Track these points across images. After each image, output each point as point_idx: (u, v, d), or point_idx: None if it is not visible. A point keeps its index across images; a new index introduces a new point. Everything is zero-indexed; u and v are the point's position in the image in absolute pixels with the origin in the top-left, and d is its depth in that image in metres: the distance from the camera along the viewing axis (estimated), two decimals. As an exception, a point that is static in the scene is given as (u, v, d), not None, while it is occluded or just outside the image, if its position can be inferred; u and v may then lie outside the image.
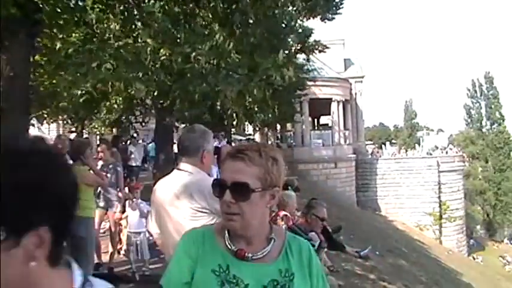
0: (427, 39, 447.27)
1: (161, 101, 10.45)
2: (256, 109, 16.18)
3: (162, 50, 8.06)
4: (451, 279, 27.30)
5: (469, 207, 55.54)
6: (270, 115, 21.90)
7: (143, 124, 18.91)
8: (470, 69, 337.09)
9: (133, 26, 8.37)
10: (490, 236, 64.65)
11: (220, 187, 1.87)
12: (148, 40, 7.95)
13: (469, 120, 69.37)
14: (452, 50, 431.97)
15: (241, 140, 28.14)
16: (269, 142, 45.25)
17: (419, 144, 60.04)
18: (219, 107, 12.63)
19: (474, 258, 51.60)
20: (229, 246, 1.89)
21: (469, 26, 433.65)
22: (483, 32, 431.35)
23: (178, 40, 8.26)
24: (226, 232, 1.92)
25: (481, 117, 67.86)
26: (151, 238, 5.95)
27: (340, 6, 14.25)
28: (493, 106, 67.05)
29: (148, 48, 7.92)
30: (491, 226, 64.88)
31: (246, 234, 1.90)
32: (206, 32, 8.52)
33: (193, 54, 8.30)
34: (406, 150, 55.76)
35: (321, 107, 43.14)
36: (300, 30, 15.23)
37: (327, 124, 48.85)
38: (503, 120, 67.23)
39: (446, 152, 53.41)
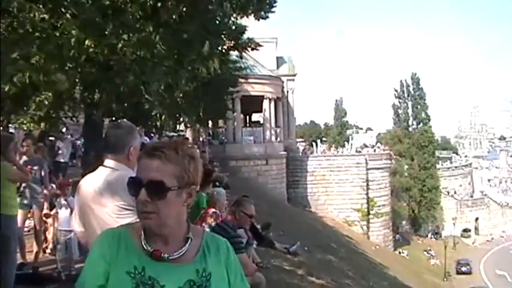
0: (358, 39, 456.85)
1: (88, 95, 10.18)
2: (184, 105, 16.02)
3: (87, 42, 7.88)
4: (377, 273, 28.00)
5: (395, 203, 57.23)
6: (200, 112, 21.73)
7: (74, 119, 18.42)
8: (399, 70, 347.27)
9: (59, 17, 8.13)
10: (415, 231, 66.94)
11: (136, 186, 1.82)
12: (73, 31, 7.75)
13: (396, 120, 71.37)
14: (381, 51, 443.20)
15: (172, 136, 27.84)
16: (201, 139, 45.08)
17: (348, 142, 61.26)
18: (146, 105, 12.43)
19: (400, 253, 53.31)
20: (145, 246, 1.83)
21: (399, 27, 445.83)
22: (412, 34, 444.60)
23: (105, 32, 8.10)
24: (142, 232, 1.86)
25: (408, 116, 70.00)
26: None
27: (274, 5, 14.31)
28: (419, 106, 69.31)
29: (73, 40, 7.72)
30: (416, 222, 67.15)
31: (162, 234, 1.85)
32: (136, 26, 8.40)
33: (120, 45, 8.16)
34: (336, 148, 56.80)
35: (253, 104, 43.30)
36: (234, 28, 15.23)
37: (259, 121, 49.14)
38: (429, 120, 69.69)
39: (374, 150, 54.81)
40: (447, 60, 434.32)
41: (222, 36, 13.84)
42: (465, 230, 73.40)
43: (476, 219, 76.59)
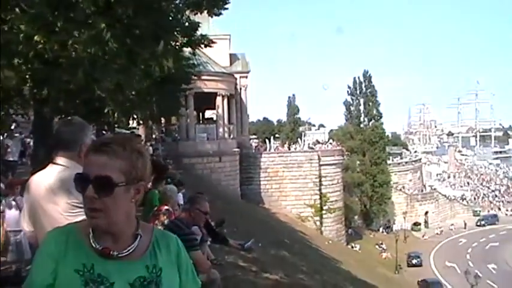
0: (311, 36, 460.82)
1: (37, 91, 9.95)
2: (137, 102, 15.84)
3: (36, 37, 7.71)
4: (331, 268, 28.36)
5: (348, 198, 57.98)
6: (153, 109, 21.51)
7: (24, 116, 17.94)
8: (351, 67, 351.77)
9: (7, 12, 7.93)
10: (367, 225, 68.02)
11: (83, 182, 1.78)
12: (22, 26, 7.57)
13: (348, 116, 72.30)
14: (334, 49, 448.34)
15: (125, 133, 27.52)
16: (153, 136, 44.72)
17: (301, 139, 61.70)
18: (97, 103, 12.23)
19: (352, 247, 54.09)
20: (93, 244, 1.81)
21: (352, 25, 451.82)
22: (365, 32, 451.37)
23: (56, 28, 7.94)
24: (90, 230, 1.83)
25: (359, 113, 70.98)
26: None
27: (227, 2, 14.30)
28: (370, 103, 70.37)
29: (21, 35, 7.55)
30: (368, 216, 68.23)
31: (111, 231, 1.82)
32: (87, 22, 8.26)
33: (70, 42, 8.01)
34: (289, 145, 57.15)
35: (206, 101, 43.18)
36: (187, 24, 15.14)
37: (212, 118, 49.07)
38: (380, 117, 70.83)
39: (327, 147, 55.37)
40: (398, 57, 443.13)
41: (175, 32, 13.75)
42: (415, 224, 74.97)
43: (426, 213, 78.33)
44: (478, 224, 78.38)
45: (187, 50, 17.97)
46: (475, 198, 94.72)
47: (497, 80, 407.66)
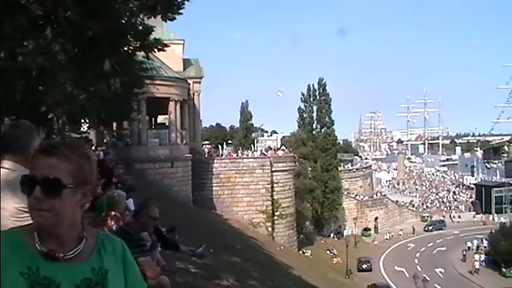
0: (264, 43, 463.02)
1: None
2: (86, 107, 15.56)
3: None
4: (282, 273, 28.50)
5: (299, 204, 58.31)
6: (104, 113, 21.17)
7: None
8: (303, 75, 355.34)
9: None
10: (318, 231, 68.55)
11: (30, 183, 1.77)
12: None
13: (301, 123, 72.67)
14: (288, 55, 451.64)
15: (74, 138, 27.00)
16: (105, 140, 43.99)
17: (254, 145, 61.85)
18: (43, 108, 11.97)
19: (304, 252, 54.46)
20: (38, 247, 1.80)
21: (307, 33, 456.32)
22: (319, 40, 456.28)
23: (3, 36, 7.75)
24: (35, 233, 1.82)
25: (312, 120, 71.50)
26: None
27: (182, 7, 14.23)
28: (323, 110, 70.99)
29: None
30: (319, 222, 68.76)
31: (55, 233, 1.82)
32: (36, 27, 8.09)
33: (18, 50, 7.84)
34: (242, 151, 57.18)
35: (158, 106, 42.80)
36: (140, 28, 15.00)
37: (164, 123, 48.71)
38: (332, 124, 71.52)
39: (279, 153, 55.64)
40: (350, 65, 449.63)
41: (129, 36, 13.62)
42: (365, 229, 75.95)
43: (376, 218, 79.49)
44: (426, 229, 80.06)
45: (140, 54, 17.82)
46: (423, 204, 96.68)
47: (445, 89, 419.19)
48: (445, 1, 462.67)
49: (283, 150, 58.63)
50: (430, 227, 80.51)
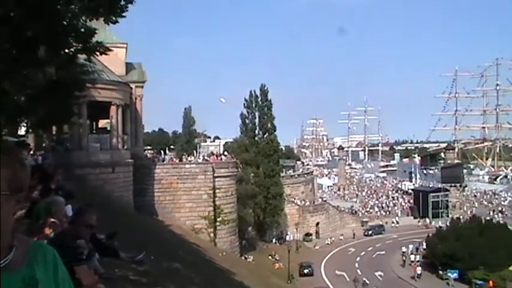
0: (208, 49, 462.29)
1: None
2: (24, 109, 15.15)
3: None
4: (224, 279, 28.46)
5: (242, 210, 58.40)
6: (42, 115, 20.64)
7: None
8: (247, 81, 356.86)
9: None
10: (260, 236, 68.75)
11: None
12: None
13: (244, 129, 72.70)
14: (232, 61, 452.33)
15: (12, 141, 26.20)
16: (43, 144, 42.85)
17: (196, 151, 61.56)
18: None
19: (246, 258, 54.54)
20: None
21: (252, 40, 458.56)
22: (264, 46, 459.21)
23: None
24: None
25: (255, 126, 71.64)
26: None
27: (125, 10, 14.08)
28: (266, 117, 71.25)
29: None
30: (261, 227, 68.98)
31: None
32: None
33: None
34: (186, 156, 56.82)
35: (100, 110, 42.08)
36: (83, 30, 14.73)
37: (106, 128, 47.85)
38: (274, 130, 71.89)
39: (221, 159, 55.59)
40: (292, 72, 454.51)
41: (70, 38, 13.37)
42: (307, 235, 76.68)
43: (317, 224, 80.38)
44: (366, 233, 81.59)
45: (82, 57, 17.50)
46: (363, 209, 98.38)
47: (385, 97, 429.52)
48: (385, 12, 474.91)
49: (225, 156, 58.62)
50: (370, 232, 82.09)
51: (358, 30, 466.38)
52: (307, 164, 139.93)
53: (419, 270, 53.21)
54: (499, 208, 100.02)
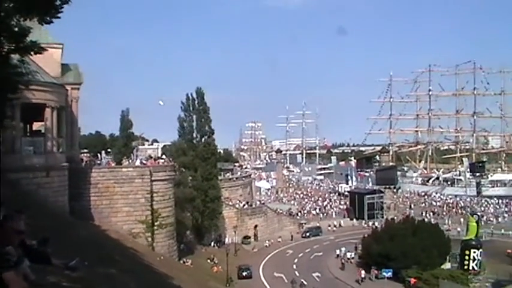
0: (146, 51, 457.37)
1: None
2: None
3: None
4: (162, 284, 28.37)
5: (180, 214, 58.04)
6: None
7: None
8: (186, 83, 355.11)
9: None
10: (198, 240, 68.56)
11: None
12: None
13: (181, 132, 72.33)
14: (171, 63, 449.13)
15: None
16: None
17: (133, 154, 60.73)
18: None
19: (184, 262, 54.32)
20: None
21: (189, 42, 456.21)
22: (201, 48, 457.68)
23: None
24: None
25: (192, 129, 71.39)
26: None
27: (60, 10, 13.85)
28: (203, 120, 71.12)
29: None
30: (199, 231, 68.79)
31: None
32: None
33: None
34: (122, 160, 56.01)
35: (34, 112, 40.88)
36: (16, 29, 14.39)
37: (40, 131, 46.58)
38: (212, 133, 71.87)
39: (159, 162, 55.14)
40: (230, 75, 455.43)
41: (2, 37, 13.08)
42: (245, 237, 77.11)
43: (256, 226, 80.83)
44: (304, 235, 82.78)
45: (15, 57, 17.08)
46: (301, 212, 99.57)
47: (323, 101, 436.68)
48: (326, 17, 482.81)
49: (163, 159, 58.18)
50: (308, 234, 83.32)
51: (298, 35, 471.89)
52: (246, 167, 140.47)
53: (363, 273, 53.97)
54: (431, 209, 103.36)
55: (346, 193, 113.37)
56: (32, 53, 15.44)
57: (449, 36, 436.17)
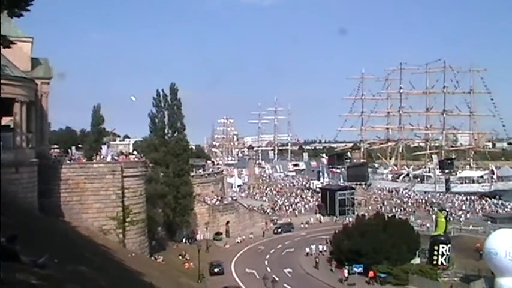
0: (118, 47, 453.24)
1: None
2: None
3: None
4: (133, 281, 28.20)
5: (151, 210, 57.73)
6: None
7: None
8: (158, 79, 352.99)
9: None
10: (170, 236, 68.29)
11: None
12: None
13: (153, 128, 71.81)
14: (143, 59, 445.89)
15: None
16: None
17: (101, 150, 60.06)
18: None
19: (156, 258, 54.07)
20: None
21: (163, 38, 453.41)
22: (174, 45, 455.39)
23: None
24: None
25: (164, 125, 70.92)
26: None
27: (30, 3, 13.67)
28: (175, 116, 70.71)
29: None
30: (171, 227, 68.52)
31: None
32: None
33: None
34: (93, 155, 55.44)
35: (2, 107, 40.23)
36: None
37: (9, 126, 45.84)
38: (184, 129, 71.54)
39: (130, 158, 54.74)
40: (202, 71, 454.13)
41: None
42: (217, 234, 76.96)
43: (227, 223, 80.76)
44: (275, 231, 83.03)
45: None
46: (272, 208, 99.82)
47: (295, 98, 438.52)
48: (299, 14, 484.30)
49: (134, 155, 57.78)
50: (279, 230, 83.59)
51: (272, 32, 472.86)
52: (218, 164, 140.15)
53: (346, 272, 53.59)
54: (401, 205, 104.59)
55: (318, 189, 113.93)
56: (0, 46, 15.20)
57: (421, 35, 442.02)
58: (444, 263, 54.68)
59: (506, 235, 48.80)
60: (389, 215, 69.55)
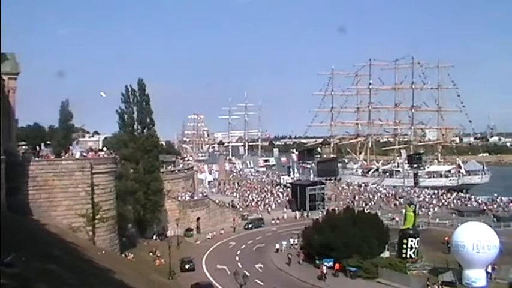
0: (86, 41, 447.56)
1: None
2: None
3: None
4: (103, 278, 28.00)
5: (121, 207, 57.28)
6: None
7: None
8: (127, 74, 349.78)
9: None
10: (141, 233, 67.93)
11: None
12: None
13: (122, 124, 71.16)
14: (112, 54, 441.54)
15: None
16: None
17: (72, 145, 59.36)
18: None
19: (126, 256, 53.73)
20: None
21: (129, 33, 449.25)
22: (141, 39, 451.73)
23: None
24: None
25: (133, 121, 70.33)
26: None
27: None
28: (144, 111, 70.22)
29: None
30: (142, 224, 68.13)
31: None
32: None
33: None
34: (61, 152, 54.74)
35: (-33, 104, 39.55)
36: None
37: (-26, 123, 45.09)
38: (153, 125, 71.13)
39: (99, 155, 54.22)
40: (173, 66, 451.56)
41: None
42: (188, 230, 76.71)
43: (198, 219, 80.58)
44: (246, 227, 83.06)
45: None
46: (243, 204, 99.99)
47: (265, 93, 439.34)
48: (272, 11, 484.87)
49: (104, 151, 57.23)
50: (250, 225, 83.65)
51: (244, 27, 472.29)
52: (188, 160, 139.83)
53: (324, 269, 53.51)
54: (371, 199, 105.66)
55: (288, 185, 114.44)
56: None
57: (389, 31, 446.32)
58: (413, 256, 55.44)
59: (473, 228, 49.85)
60: (359, 210, 70.19)
